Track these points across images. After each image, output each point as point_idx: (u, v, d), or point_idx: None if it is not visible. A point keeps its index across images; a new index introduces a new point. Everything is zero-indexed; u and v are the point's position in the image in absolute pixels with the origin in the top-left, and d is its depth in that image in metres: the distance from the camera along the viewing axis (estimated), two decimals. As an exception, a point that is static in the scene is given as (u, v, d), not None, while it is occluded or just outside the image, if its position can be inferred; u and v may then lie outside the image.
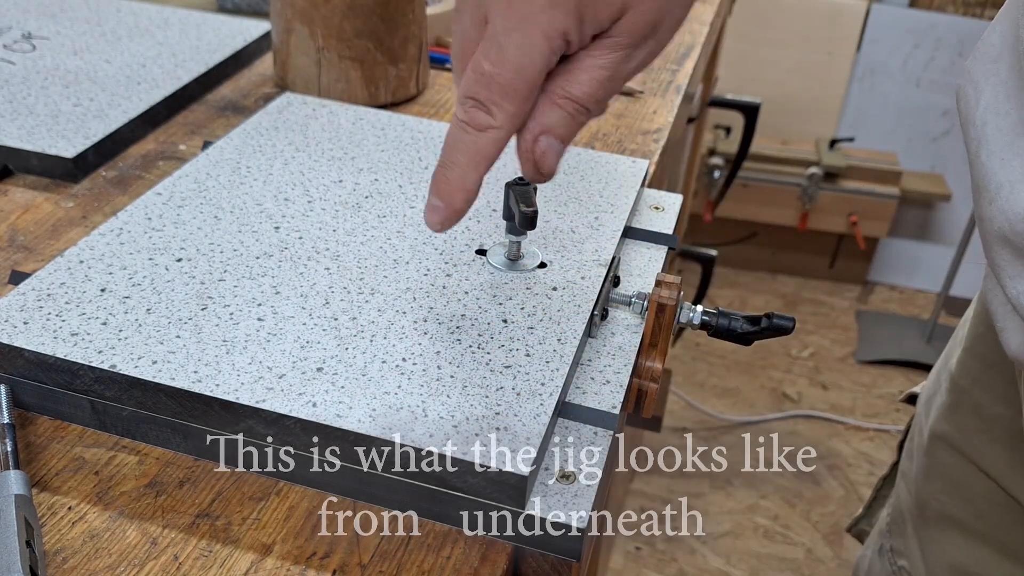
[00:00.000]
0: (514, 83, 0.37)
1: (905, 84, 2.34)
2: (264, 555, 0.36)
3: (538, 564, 0.38)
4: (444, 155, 0.39)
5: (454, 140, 0.38)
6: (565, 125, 0.39)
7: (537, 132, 0.38)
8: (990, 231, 0.43)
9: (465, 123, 0.38)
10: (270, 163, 0.56)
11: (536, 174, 0.40)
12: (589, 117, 0.39)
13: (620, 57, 0.38)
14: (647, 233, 0.55)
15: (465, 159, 0.38)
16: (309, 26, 0.67)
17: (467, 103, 0.38)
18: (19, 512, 0.35)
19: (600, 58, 0.38)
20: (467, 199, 0.39)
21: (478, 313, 0.44)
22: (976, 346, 0.60)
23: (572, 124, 0.39)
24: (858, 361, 2.20)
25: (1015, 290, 0.42)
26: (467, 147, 0.38)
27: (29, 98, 0.64)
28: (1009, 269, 0.42)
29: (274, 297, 0.44)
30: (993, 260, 0.43)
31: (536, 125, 0.38)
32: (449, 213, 0.39)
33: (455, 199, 0.39)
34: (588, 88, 0.38)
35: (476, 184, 0.39)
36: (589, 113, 0.39)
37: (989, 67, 0.45)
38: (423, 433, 0.37)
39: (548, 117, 0.38)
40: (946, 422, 0.61)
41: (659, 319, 0.45)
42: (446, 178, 0.39)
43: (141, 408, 0.40)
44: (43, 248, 0.53)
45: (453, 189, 0.38)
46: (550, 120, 0.38)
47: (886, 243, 2.45)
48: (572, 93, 0.38)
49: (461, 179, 0.38)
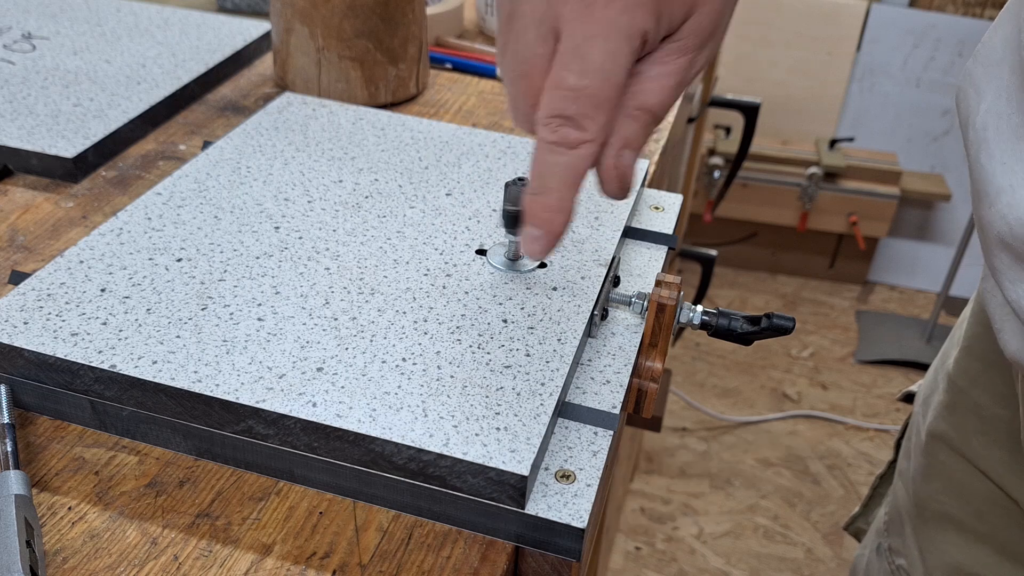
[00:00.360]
0: (604, 91, 0.35)
1: (905, 84, 2.34)
2: (264, 555, 0.36)
3: (538, 564, 0.38)
4: (536, 182, 0.37)
5: (546, 165, 0.36)
6: (642, 137, 0.38)
7: (620, 147, 0.37)
8: (989, 235, 0.43)
9: (556, 144, 0.36)
10: (270, 163, 0.56)
11: (621, 191, 0.39)
12: (657, 123, 0.38)
13: (687, 62, 0.37)
14: (647, 233, 0.55)
15: (561, 182, 0.37)
16: (309, 26, 0.67)
17: (554, 123, 0.36)
18: (19, 512, 0.35)
19: (670, 64, 0.37)
20: (566, 221, 0.38)
21: (478, 313, 0.44)
22: (974, 346, 0.60)
23: (646, 135, 0.38)
24: (858, 361, 2.20)
25: (1015, 294, 0.42)
26: (562, 169, 0.36)
27: (29, 98, 0.64)
28: (1009, 273, 0.42)
29: (274, 297, 0.44)
30: (992, 264, 0.43)
31: (618, 140, 0.37)
32: (550, 239, 0.38)
33: (555, 224, 0.37)
34: (661, 97, 0.37)
35: (573, 203, 0.37)
36: (659, 122, 0.38)
37: (990, 70, 0.45)
38: (423, 433, 0.37)
39: (627, 130, 0.37)
40: (944, 422, 0.61)
41: (659, 319, 0.45)
42: (545, 205, 0.37)
43: (141, 408, 0.40)
44: (43, 248, 0.53)
45: (552, 215, 0.37)
46: (629, 133, 0.37)
47: (886, 243, 2.45)
48: (647, 104, 0.37)
49: (559, 203, 0.37)
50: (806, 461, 1.91)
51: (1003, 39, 0.45)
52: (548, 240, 0.38)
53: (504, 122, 0.70)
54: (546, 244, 0.38)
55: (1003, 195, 0.41)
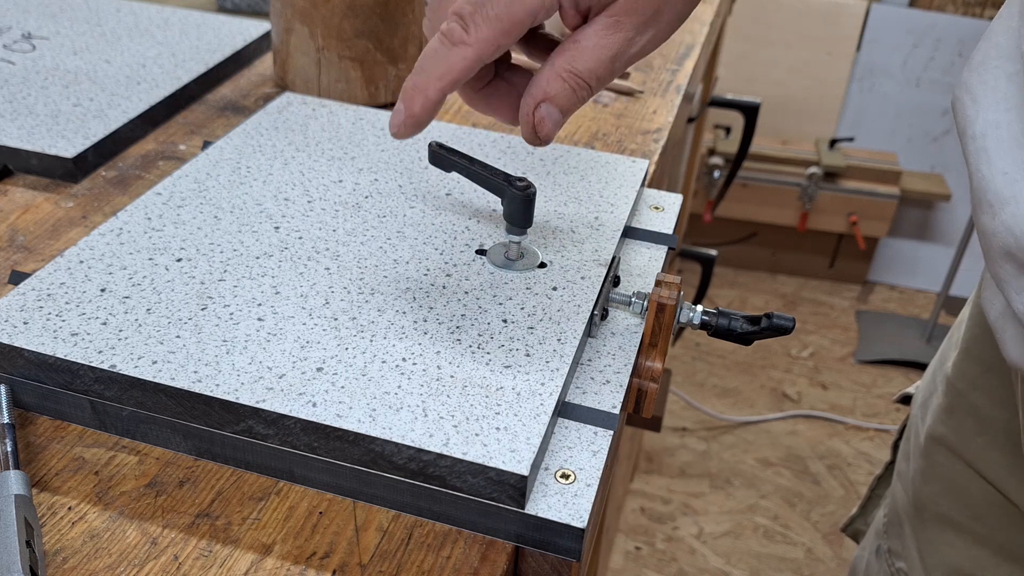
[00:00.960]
0: (499, 12, 0.39)
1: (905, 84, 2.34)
2: (264, 555, 0.36)
3: (538, 564, 0.38)
4: (417, 63, 0.41)
5: (428, 50, 0.40)
6: (566, 97, 0.41)
7: (540, 98, 0.41)
8: (993, 245, 0.42)
9: (443, 35, 0.40)
10: (270, 163, 0.56)
11: (533, 137, 0.42)
12: (590, 94, 0.42)
13: (623, 39, 0.41)
14: (647, 233, 0.55)
15: (432, 69, 0.40)
16: (309, 26, 0.67)
17: (451, 19, 0.40)
18: (19, 512, 0.35)
19: (605, 38, 0.41)
20: (425, 107, 0.41)
21: (478, 313, 0.44)
22: (972, 348, 0.60)
23: (573, 97, 0.41)
24: (858, 361, 2.20)
25: (1022, 304, 0.42)
26: (437, 58, 0.40)
27: (29, 98, 0.64)
28: (1014, 283, 0.42)
29: (274, 297, 0.44)
30: (996, 273, 0.43)
31: (539, 91, 0.41)
32: (406, 118, 0.41)
33: (414, 103, 0.40)
34: (591, 64, 0.41)
35: (438, 95, 0.40)
36: (590, 90, 0.41)
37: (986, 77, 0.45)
38: (423, 433, 0.37)
39: (551, 86, 0.41)
40: (943, 425, 0.61)
41: (659, 319, 0.45)
42: (411, 82, 0.41)
43: (141, 408, 0.40)
44: (43, 248, 0.53)
45: (414, 94, 0.40)
46: (552, 89, 0.41)
47: (886, 243, 2.45)
48: (576, 68, 0.41)
49: (424, 86, 0.40)
50: (806, 461, 1.91)
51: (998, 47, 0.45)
52: (405, 119, 0.41)
53: (504, 122, 0.70)
54: (402, 122, 0.41)
55: (1007, 206, 0.41)
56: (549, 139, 0.42)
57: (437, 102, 0.41)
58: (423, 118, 0.41)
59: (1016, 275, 0.42)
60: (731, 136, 2.30)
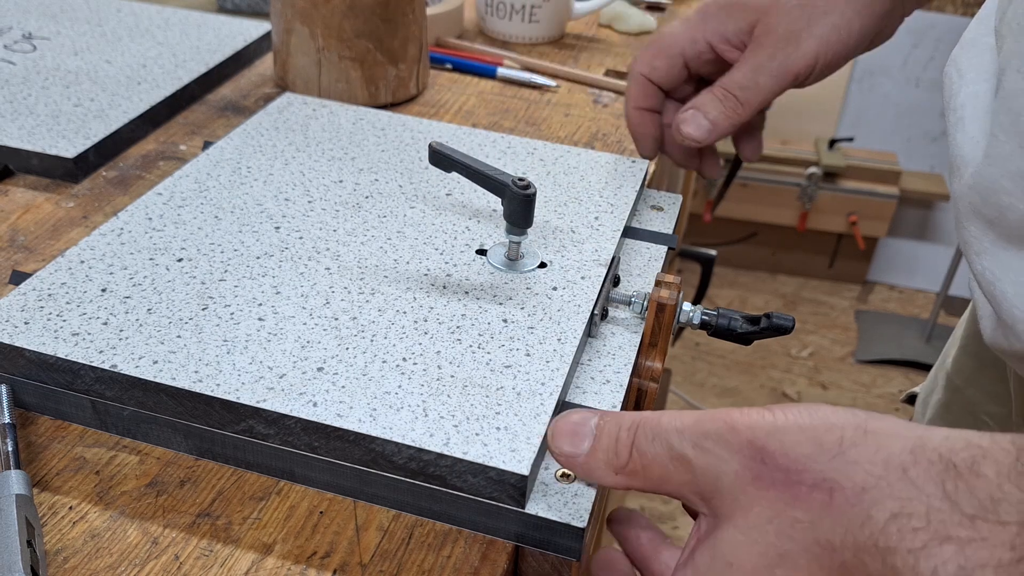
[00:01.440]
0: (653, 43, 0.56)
1: (904, 84, 2.34)
2: (265, 554, 0.36)
3: (538, 564, 0.38)
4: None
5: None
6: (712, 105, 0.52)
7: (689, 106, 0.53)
8: (961, 208, 0.44)
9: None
10: (270, 163, 0.56)
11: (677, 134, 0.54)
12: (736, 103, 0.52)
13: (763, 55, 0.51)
14: (647, 233, 0.55)
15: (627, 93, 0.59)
16: (309, 26, 0.67)
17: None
18: (20, 512, 0.35)
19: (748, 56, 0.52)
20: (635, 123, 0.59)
21: (478, 313, 0.44)
22: (969, 344, 0.60)
23: (719, 105, 0.52)
24: (858, 361, 2.20)
25: (981, 266, 0.42)
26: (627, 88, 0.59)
27: (30, 98, 0.64)
28: (976, 245, 0.43)
29: (275, 297, 0.44)
30: (964, 238, 0.44)
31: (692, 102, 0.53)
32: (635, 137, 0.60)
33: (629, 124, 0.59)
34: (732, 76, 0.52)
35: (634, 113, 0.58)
36: (735, 99, 0.52)
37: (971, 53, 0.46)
38: (423, 433, 0.37)
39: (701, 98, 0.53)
40: (941, 420, 0.62)
41: (659, 319, 0.45)
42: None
43: (142, 408, 0.40)
44: (43, 248, 0.53)
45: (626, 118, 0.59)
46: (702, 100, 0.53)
47: (885, 243, 2.45)
48: (723, 82, 0.52)
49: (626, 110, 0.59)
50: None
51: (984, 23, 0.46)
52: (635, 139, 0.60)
53: (504, 122, 0.70)
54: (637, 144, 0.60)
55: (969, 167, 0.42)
56: (690, 137, 0.53)
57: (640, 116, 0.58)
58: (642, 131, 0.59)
59: (979, 236, 0.42)
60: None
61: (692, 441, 0.30)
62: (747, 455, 0.29)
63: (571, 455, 0.34)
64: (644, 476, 0.32)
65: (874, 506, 0.26)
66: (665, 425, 0.32)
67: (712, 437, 0.30)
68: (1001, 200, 0.40)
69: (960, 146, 0.44)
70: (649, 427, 0.32)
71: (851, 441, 0.27)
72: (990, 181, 0.41)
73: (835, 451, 0.27)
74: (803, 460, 0.28)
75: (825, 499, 0.27)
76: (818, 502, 0.27)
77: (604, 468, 0.33)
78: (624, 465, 0.32)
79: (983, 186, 0.41)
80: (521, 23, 0.85)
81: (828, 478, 0.27)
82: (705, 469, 0.30)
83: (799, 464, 0.28)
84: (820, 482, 0.27)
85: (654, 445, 0.31)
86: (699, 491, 0.30)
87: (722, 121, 0.52)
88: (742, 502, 0.29)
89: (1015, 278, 0.41)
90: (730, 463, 0.29)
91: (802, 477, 0.28)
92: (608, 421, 0.34)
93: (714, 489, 0.30)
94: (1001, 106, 0.40)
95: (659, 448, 0.31)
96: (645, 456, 0.32)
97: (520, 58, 0.80)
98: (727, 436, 0.29)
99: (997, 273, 0.41)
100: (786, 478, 0.28)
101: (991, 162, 0.41)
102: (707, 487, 0.30)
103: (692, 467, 0.30)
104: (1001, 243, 0.41)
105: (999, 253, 0.41)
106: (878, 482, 0.26)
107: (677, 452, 0.31)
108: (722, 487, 0.29)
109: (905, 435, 0.27)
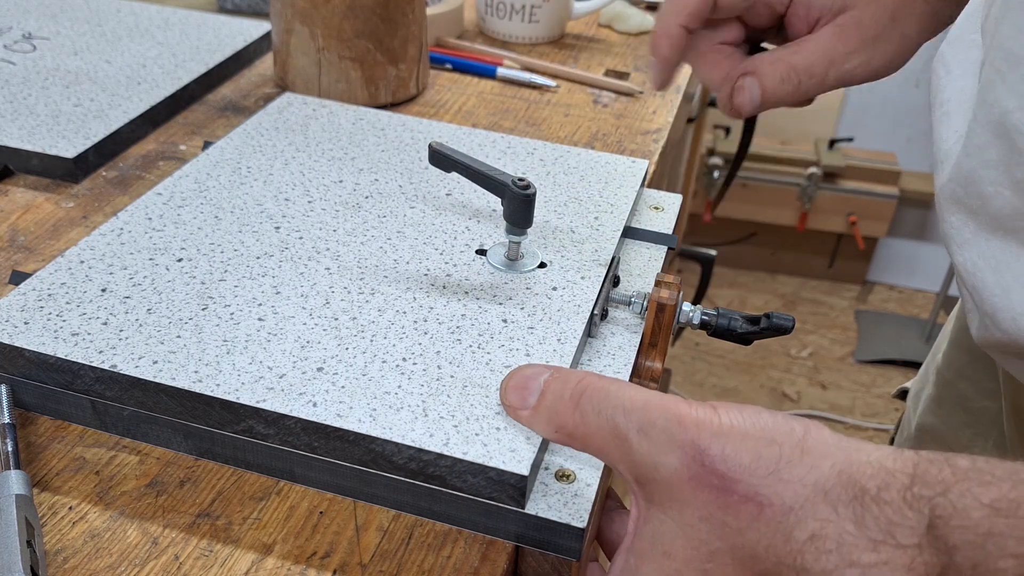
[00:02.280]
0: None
1: (904, 84, 2.34)
2: (265, 555, 0.36)
3: (538, 564, 0.38)
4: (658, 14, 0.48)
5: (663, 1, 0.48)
6: (771, 79, 0.46)
7: (747, 70, 0.47)
8: (942, 200, 0.44)
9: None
10: (270, 163, 0.56)
11: (727, 103, 0.48)
12: (796, 89, 0.47)
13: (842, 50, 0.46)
14: (647, 233, 0.55)
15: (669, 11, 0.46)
16: (309, 26, 0.67)
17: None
18: (20, 512, 0.35)
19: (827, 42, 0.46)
20: (671, 45, 0.47)
21: (478, 313, 0.44)
22: (960, 339, 0.60)
23: (778, 84, 0.47)
24: (857, 361, 2.20)
25: (962, 257, 0.43)
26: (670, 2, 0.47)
27: (30, 98, 0.64)
28: (957, 236, 0.43)
29: (274, 297, 0.44)
30: (945, 231, 0.44)
31: (750, 65, 0.47)
32: (658, 61, 0.48)
33: (661, 46, 0.47)
34: (807, 61, 0.46)
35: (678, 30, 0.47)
36: (797, 84, 0.47)
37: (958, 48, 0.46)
38: (423, 433, 0.37)
39: (763, 65, 0.47)
40: (932, 415, 0.62)
41: (659, 319, 0.45)
42: (656, 31, 0.47)
43: (142, 408, 0.40)
44: (43, 248, 0.53)
45: (659, 39, 0.47)
46: (763, 67, 0.46)
47: (885, 243, 2.45)
48: (790, 59, 0.46)
49: (665, 28, 0.47)
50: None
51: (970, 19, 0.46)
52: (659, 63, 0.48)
53: (504, 122, 0.70)
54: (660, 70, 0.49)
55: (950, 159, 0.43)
56: (741, 110, 0.47)
57: (680, 38, 0.46)
58: (673, 57, 0.47)
59: (959, 227, 0.43)
60: (731, 136, 2.30)
61: (637, 426, 0.31)
62: (688, 453, 0.30)
63: (516, 407, 0.36)
64: (583, 442, 0.33)
65: (797, 526, 0.28)
66: (612, 399, 0.32)
67: (658, 427, 0.31)
68: (984, 189, 0.40)
69: (944, 140, 0.44)
70: (596, 396, 0.33)
71: (787, 459, 0.29)
72: (969, 171, 0.41)
73: (771, 468, 0.29)
74: (740, 471, 0.29)
75: (755, 511, 0.28)
76: (748, 513, 0.29)
77: (545, 425, 0.35)
78: (564, 426, 0.34)
79: (963, 176, 0.42)
80: (521, 23, 0.85)
81: (760, 493, 0.28)
82: (645, 456, 0.31)
83: (736, 473, 0.29)
84: (753, 495, 0.29)
85: (599, 417, 0.32)
86: (635, 474, 0.31)
87: (773, 100, 0.47)
88: (676, 497, 0.30)
89: (995, 266, 0.41)
90: (670, 457, 0.30)
91: (736, 487, 0.29)
92: (555, 379, 0.35)
93: (650, 477, 0.31)
94: (980, 98, 0.41)
95: (603, 422, 0.32)
96: (588, 425, 0.33)
97: (520, 58, 0.80)
98: (673, 430, 0.30)
99: (979, 263, 0.42)
100: (721, 484, 0.29)
101: (968, 152, 0.41)
102: (644, 473, 0.31)
103: (632, 450, 0.31)
104: (983, 233, 0.42)
105: (980, 244, 0.42)
106: (804, 503, 0.28)
107: (621, 432, 0.31)
108: (659, 477, 0.30)
109: (836, 455, 0.29)
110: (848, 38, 0.45)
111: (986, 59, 0.41)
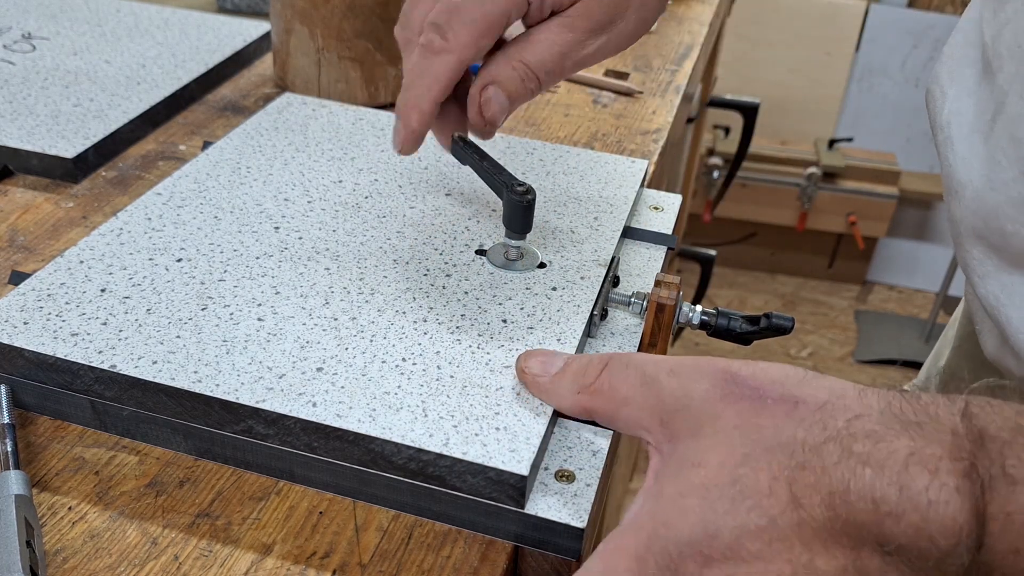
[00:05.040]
0: (473, 14, 0.40)
1: (904, 84, 2.34)
2: (264, 555, 0.36)
3: (538, 564, 0.38)
4: (404, 80, 0.42)
5: (412, 66, 0.42)
6: (513, 84, 0.43)
7: (487, 81, 0.43)
8: (961, 230, 0.43)
9: (423, 47, 0.41)
10: (270, 163, 0.56)
11: (478, 119, 0.43)
12: (538, 87, 0.43)
13: (573, 40, 0.43)
14: (646, 233, 0.55)
15: (420, 82, 0.41)
16: (309, 26, 0.67)
17: (428, 29, 0.41)
18: (19, 512, 0.35)
19: (557, 35, 0.42)
20: (422, 120, 0.42)
21: (478, 313, 0.44)
22: (965, 346, 0.60)
23: (520, 86, 0.43)
24: (857, 361, 2.20)
25: (984, 290, 0.42)
26: (423, 70, 0.41)
27: (29, 98, 0.64)
28: (979, 268, 0.43)
29: (274, 297, 0.44)
30: (964, 260, 0.44)
31: (488, 75, 0.43)
32: (407, 133, 0.42)
33: (411, 119, 0.42)
34: (540, 57, 0.43)
35: (431, 106, 0.42)
36: (538, 82, 0.43)
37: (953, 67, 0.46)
38: (423, 433, 0.37)
39: (500, 71, 0.42)
40: None
41: (658, 319, 0.45)
42: (403, 100, 0.42)
43: (141, 408, 0.40)
44: (43, 248, 0.53)
45: (409, 109, 0.42)
46: (501, 74, 0.42)
47: (885, 243, 2.45)
48: (525, 58, 0.42)
49: (416, 99, 0.42)
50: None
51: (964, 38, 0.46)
52: (405, 135, 0.43)
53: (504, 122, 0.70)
54: (404, 138, 0.43)
55: (966, 189, 0.42)
56: (494, 122, 0.43)
57: (431, 113, 0.42)
58: (421, 131, 0.43)
59: (981, 259, 0.42)
60: (730, 136, 2.31)
61: (668, 368, 0.33)
62: (719, 378, 0.32)
63: (539, 374, 0.38)
64: (608, 395, 0.35)
65: (832, 416, 0.29)
66: (639, 357, 0.35)
67: (687, 365, 0.33)
68: (1005, 227, 0.40)
69: (954, 168, 0.44)
70: (623, 358, 0.35)
71: (813, 375, 0.31)
72: (993, 207, 0.41)
73: (801, 378, 0.31)
74: (770, 384, 0.31)
75: (789, 409, 0.30)
76: (782, 411, 0.30)
77: (569, 385, 0.36)
78: (590, 384, 0.35)
79: (985, 211, 0.41)
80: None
81: (794, 394, 0.30)
82: (675, 390, 0.32)
83: (767, 385, 0.31)
84: (786, 397, 0.30)
85: (627, 369, 0.35)
86: (662, 413, 0.33)
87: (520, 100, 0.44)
88: (709, 413, 0.31)
89: (1019, 303, 0.41)
90: (702, 383, 0.32)
91: (769, 393, 0.31)
92: (579, 356, 0.38)
93: (680, 407, 0.32)
94: (1003, 131, 0.40)
95: (631, 371, 0.34)
96: (615, 377, 0.35)
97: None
98: (702, 364, 0.32)
99: (1002, 299, 0.42)
100: (754, 393, 0.31)
101: (993, 187, 0.41)
102: (672, 407, 0.32)
103: (661, 390, 0.33)
104: (1005, 268, 0.41)
105: (1003, 278, 0.41)
106: (837, 398, 0.30)
107: (650, 375, 0.33)
108: (690, 404, 0.32)
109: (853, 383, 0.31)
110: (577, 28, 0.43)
111: (1009, 88, 0.41)
